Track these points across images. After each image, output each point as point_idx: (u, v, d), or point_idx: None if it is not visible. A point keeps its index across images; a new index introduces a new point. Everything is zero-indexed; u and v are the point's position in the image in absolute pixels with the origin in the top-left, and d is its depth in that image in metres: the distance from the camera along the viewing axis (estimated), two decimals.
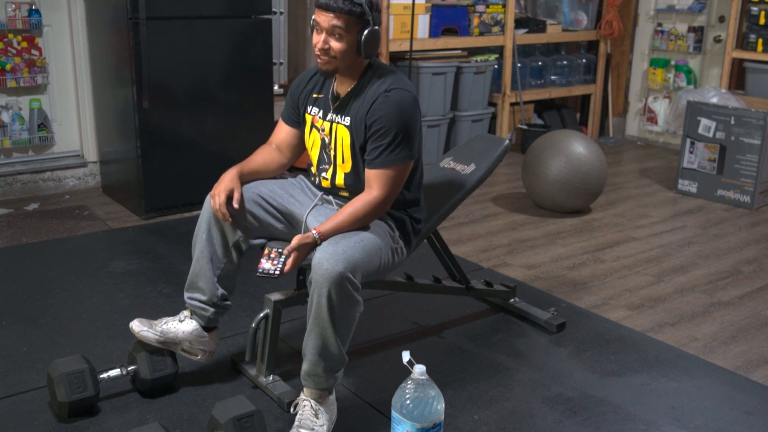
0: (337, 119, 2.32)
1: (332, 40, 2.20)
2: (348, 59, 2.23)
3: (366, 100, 2.26)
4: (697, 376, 2.68)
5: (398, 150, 2.22)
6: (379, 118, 2.21)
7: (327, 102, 2.36)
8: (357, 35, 2.20)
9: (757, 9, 5.20)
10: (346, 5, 2.15)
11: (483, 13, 5.39)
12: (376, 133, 2.22)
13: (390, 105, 2.21)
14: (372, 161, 2.24)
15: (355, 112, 2.27)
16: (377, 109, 2.22)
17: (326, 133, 2.36)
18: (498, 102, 5.66)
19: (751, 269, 3.69)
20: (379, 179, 2.23)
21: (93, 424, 2.28)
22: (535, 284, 3.42)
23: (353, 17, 2.17)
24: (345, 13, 2.16)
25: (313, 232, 2.16)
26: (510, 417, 2.40)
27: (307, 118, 2.42)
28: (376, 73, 2.29)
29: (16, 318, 2.92)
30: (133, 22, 3.80)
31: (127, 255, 3.57)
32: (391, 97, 2.22)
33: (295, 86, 2.48)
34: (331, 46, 2.21)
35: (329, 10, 2.17)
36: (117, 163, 4.35)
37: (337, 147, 2.34)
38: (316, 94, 2.40)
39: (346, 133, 2.30)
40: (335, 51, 2.21)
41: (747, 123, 4.52)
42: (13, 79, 4.18)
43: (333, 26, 2.18)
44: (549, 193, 4.28)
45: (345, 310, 2.11)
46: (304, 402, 2.21)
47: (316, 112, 2.39)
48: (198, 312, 2.41)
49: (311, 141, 2.42)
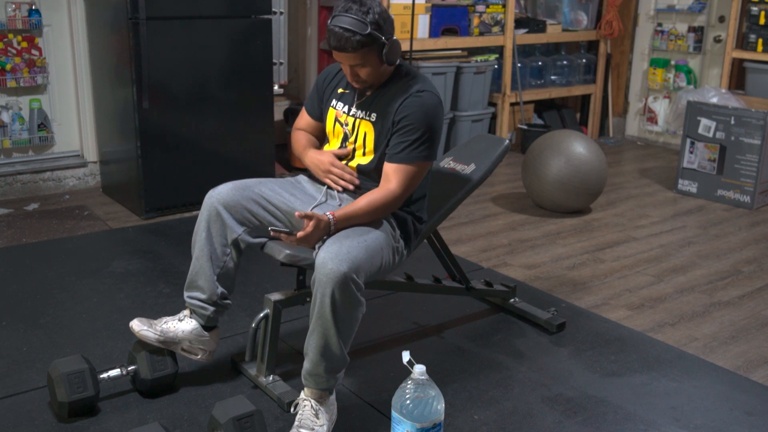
0: (361, 115, 2.39)
1: (357, 69, 2.30)
2: (378, 74, 2.33)
3: (395, 97, 2.33)
4: (697, 376, 2.68)
5: (422, 148, 2.29)
6: (409, 115, 2.28)
7: (352, 98, 2.43)
8: (378, 55, 2.27)
9: (757, 9, 5.20)
10: (356, 43, 2.21)
11: (483, 13, 5.39)
12: (404, 128, 2.29)
13: (420, 105, 2.29)
14: (394, 155, 2.30)
15: (383, 108, 2.34)
16: (408, 106, 2.29)
17: (349, 128, 2.42)
18: (498, 102, 5.66)
19: (751, 269, 3.69)
20: (398, 173, 2.29)
21: (93, 424, 2.28)
22: (535, 284, 3.42)
23: (367, 47, 2.23)
24: (359, 49, 2.23)
25: (328, 215, 2.19)
26: (510, 417, 2.40)
27: (330, 112, 2.48)
28: (404, 73, 2.38)
29: (16, 318, 2.92)
30: (133, 22, 3.80)
31: (127, 255, 3.57)
32: (422, 98, 2.30)
33: (321, 80, 2.55)
34: (360, 75, 2.31)
35: (343, 51, 2.24)
36: (117, 163, 4.35)
37: (357, 141, 2.40)
38: (342, 89, 2.47)
39: (370, 128, 2.37)
40: (365, 76, 2.32)
41: (747, 123, 4.52)
42: (13, 79, 4.18)
43: (357, 64, 2.27)
44: (549, 193, 4.28)
45: (348, 311, 2.11)
46: (305, 402, 2.21)
47: (341, 107, 2.45)
48: (198, 311, 2.41)
49: (334, 134, 2.48)
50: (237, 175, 2.50)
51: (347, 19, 2.20)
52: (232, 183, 2.39)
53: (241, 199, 2.35)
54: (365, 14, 2.21)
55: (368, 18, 2.21)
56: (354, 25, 2.19)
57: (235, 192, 2.35)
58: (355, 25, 2.19)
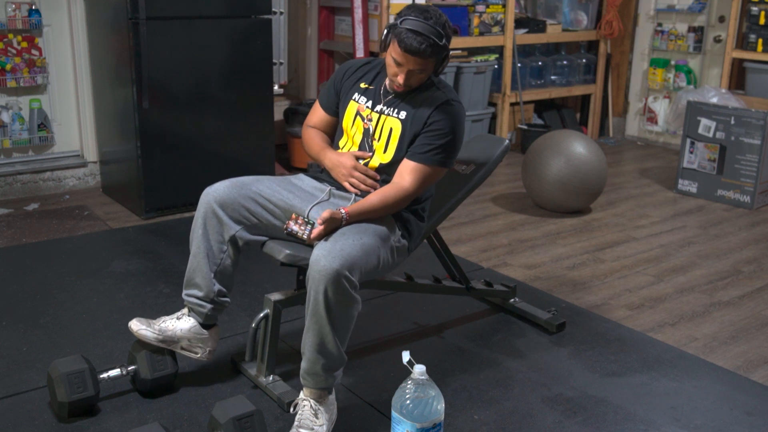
0: (388, 111, 2.41)
1: (414, 74, 2.31)
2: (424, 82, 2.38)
3: (427, 102, 2.37)
4: (697, 376, 2.68)
5: (444, 154, 2.36)
6: (441, 120, 2.34)
7: (377, 94, 2.44)
8: (437, 65, 2.33)
9: (757, 9, 5.20)
10: (432, 51, 2.24)
11: (483, 13, 5.39)
12: (433, 132, 2.34)
13: (453, 114, 2.37)
14: (417, 154, 2.34)
15: (414, 109, 2.37)
16: (442, 111, 2.35)
17: (373, 123, 2.43)
18: (498, 102, 5.66)
19: (751, 269, 3.69)
20: (415, 172, 2.33)
21: (93, 424, 2.28)
22: (535, 284, 3.42)
23: (436, 56, 2.28)
24: (431, 56, 2.26)
25: (342, 211, 2.21)
26: (510, 417, 2.40)
27: (351, 106, 2.48)
28: (435, 80, 2.42)
29: (16, 318, 2.92)
30: (133, 22, 3.80)
31: (127, 255, 3.57)
32: (455, 108, 2.38)
33: (340, 74, 2.56)
34: (412, 79, 2.33)
35: (417, 55, 2.25)
36: (117, 163, 4.35)
37: (381, 137, 2.41)
38: (365, 84, 2.49)
39: (397, 125, 2.39)
40: (416, 82, 2.35)
41: (747, 123, 4.52)
42: (13, 79, 4.18)
43: (419, 69, 2.29)
44: (549, 193, 4.28)
45: (342, 308, 2.11)
46: (304, 402, 2.21)
47: (364, 101, 2.47)
48: (195, 309, 2.40)
49: (354, 129, 2.47)
50: (237, 175, 2.48)
51: (427, 26, 2.23)
52: (228, 180, 2.39)
53: (238, 196, 2.34)
54: (442, 27, 2.26)
55: (445, 31, 2.26)
56: (434, 34, 2.23)
57: (231, 190, 2.35)
58: (435, 34, 2.23)
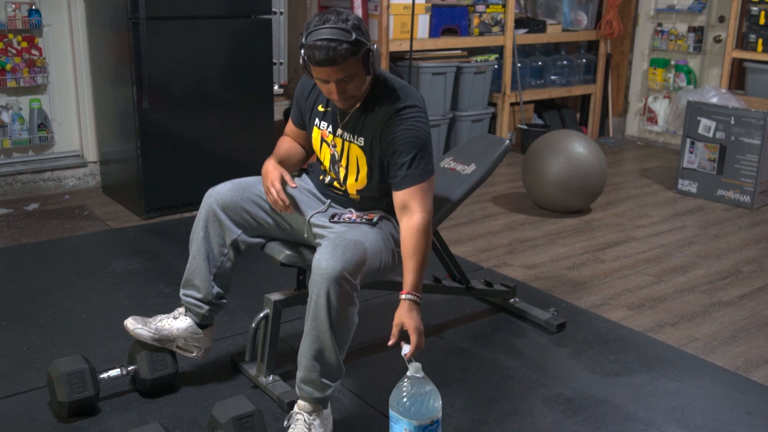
0: (349, 137, 2.28)
1: (345, 84, 2.13)
2: (364, 85, 2.19)
3: (378, 118, 2.22)
4: (697, 376, 2.68)
5: (421, 165, 2.20)
6: (395, 140, 2.19)
7: (335, 117, 2.31)
8: (364, 65, 2.13)
9: (757, 9, 5.19)
10: (345, 52, 2.05)
11: (483, 13, 5.39)
12: (395, 154, 2.20)
13: (403, 126, 2.19)
14: (399, 183, 2.20)
15: (370, 133, 2.24)
16: (391, 129, 2.19)
17: (337, 149, 2.33)
18: (498, 102, 5.66)
19: (751, 269, 3.69)
20: (414, 198, 2.19)
21: (93, 424, 2.28)
22: (535, 284, 3.42)
23: (354, 56, 2.09)
24: (348, 58, 2.07)
25: (402, 296, 2.16)
26: (510, 417, 2.40)
27: (315, 132, 2.38)
28: (384, 85, 2.25)
29: (16, 318, 2.92)
30: (133, 22, 3.80)
31: (127, 255, 3.57)
32: (403, 117, 2.19)
33: (298, 93, 2.43)
34: (347, 90, 2.15)
35: (332, 64, 2.06)
36: (117, 163, 4.35)
37: (350, 165, 2.31)
38: (322, 107, 2.34)
39: (361, 153, 2.27)
40: (353, 90, 2.16)
41: (747, 123, 4.52)
42: (13, 79, 4.18)
43: (345, 76, 2.11)
44: (549, 193, 4.28)
45: (343, 311, 2.09)
46: (297, 416, 2.15)
47: (325, 126, 2.34)
48: (193, 309, 2.40)
49: (322, 154, 2.39)
50: (237, 175, 2.47)
51: (328, 30, 2.05)
52: (231, 183, 2.39)
53: (240, 200, 2.34)
54: (345, 21, 2.07)
55: (349, 24, 2.07)
56: (338, 34, 2.04)
57: (234, 193, 2.35)
58: (339, 33, 2.04)
